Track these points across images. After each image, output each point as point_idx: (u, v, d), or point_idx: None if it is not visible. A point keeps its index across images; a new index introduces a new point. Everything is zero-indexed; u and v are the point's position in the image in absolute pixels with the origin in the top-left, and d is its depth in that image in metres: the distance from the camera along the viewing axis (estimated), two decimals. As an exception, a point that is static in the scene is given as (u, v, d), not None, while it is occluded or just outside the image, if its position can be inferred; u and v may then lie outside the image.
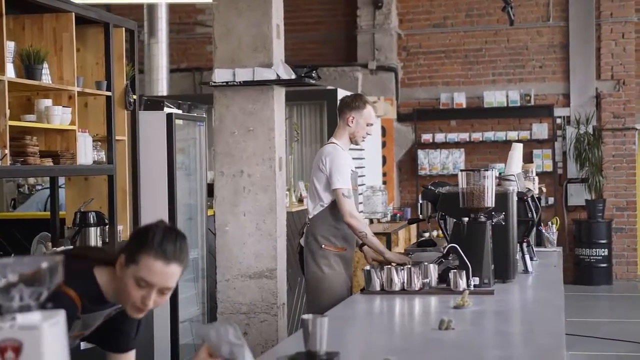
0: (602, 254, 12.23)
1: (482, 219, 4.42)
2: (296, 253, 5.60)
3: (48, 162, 4.89)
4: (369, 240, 5.17)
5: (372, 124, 5.37)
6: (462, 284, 4.18)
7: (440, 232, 12.06)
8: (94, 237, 5.40)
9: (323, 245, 5.22)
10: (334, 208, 5.21)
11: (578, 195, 12.56)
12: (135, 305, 2.62)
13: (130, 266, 2.59)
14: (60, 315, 1.79)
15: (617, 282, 12.42)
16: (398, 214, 10.99)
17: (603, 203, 12.35)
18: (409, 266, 4.35)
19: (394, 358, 2.60)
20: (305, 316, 2.74)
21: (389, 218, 10.69)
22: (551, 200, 12.53)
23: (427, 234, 12.31)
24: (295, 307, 7.55)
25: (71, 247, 5.17)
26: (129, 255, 2.60)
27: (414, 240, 11.04)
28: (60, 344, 1.78)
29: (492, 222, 4.47)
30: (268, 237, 6.16)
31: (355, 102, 5.34)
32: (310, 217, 5.34)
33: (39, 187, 8.33)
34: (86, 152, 5.24)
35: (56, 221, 5.62)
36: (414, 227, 11.28)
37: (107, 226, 5.53)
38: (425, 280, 4.30)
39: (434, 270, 4.36)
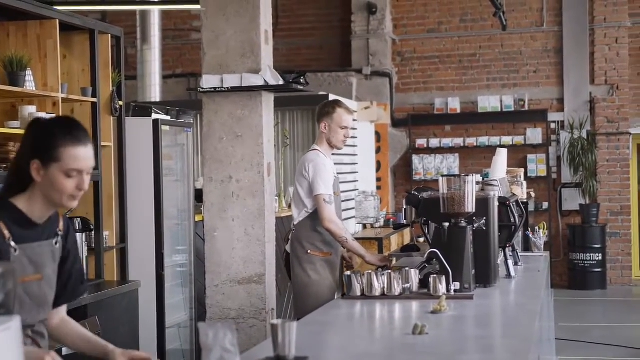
0: (597, 259, 12.23)
1: (463, 224, 4.43)
2: (283, 259, 5.64)
3: (32, 169, 4.90)
4: (349, 245, 5.24)
5: (346, 127, 5.38)
6: (442, 289, 4.19)
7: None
8: (80, 243, 5.41)
9: (309, 251, 5.28)
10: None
11: (572, 200, 12.57)
12: (71, 195, 2.68)
13: (51, 165, 2.65)
14: (14, 321, 1.81)
15: (612, 287, 12.42)
16: (392, 219, 11.00)
17: (597, 208, 12.35)
18: (390, 271, 4.36)
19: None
20: (273, 321, 2.76)
21: (382, 223, 10.71)
22: (545, 205, 12.54)
23: (422, 239, 12.30)
24: (284, 312, 7.56)
25: None
26: (45, 157, 2.65)
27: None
28: (14, 349, 1.80)
29: (473, 227, 4.49)
30: (257, 243, 6.17)
31: (325, 108, 5.41)
32: (295, 223, 5.41)
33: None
34: (71, 158, 5.25)
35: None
36: (407, 232, 11.29)
37: (92, 232, 5.54)
38: (406, 285, 4.31)
39: (415, 275, 4.37)
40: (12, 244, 2.65)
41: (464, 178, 4.44)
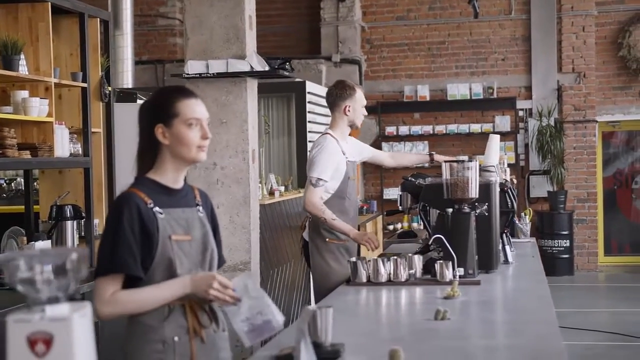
0: (564, 245, 12.37)
1: (466, 209, 4.44)
2: (300, 247, 5.50)
3: (26, 155, 4.81)
4: (330, 225, 5.13)
5: (365, 104, 5.42)
6: (449, 274, 4.20)
7: (409, 223, 12.08)
8: (71, 230, 5.32)
9: (327, 239, 5.21)
10: (336, 199, 5.18)
11: (540, 187, 12.70)
12: (199, 146, 2.86)
13: (173, 122, 2.84)
14: (87, 307, 1.77)
15: (579, 273, 12.59)
16: (365, 207, 11.01)
17: (564, 194, 12.49)
18: (395, 257, 4.34)
19: (400, 348, 2.60)
20: (311, 307, 2.73)
21: (355, 210, 10.71)
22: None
23: (392, 226, 12.35)
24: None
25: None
26: (166, 118, 2.84)
27: (381, 232, 11.08)
28: (89, 335, 1.76)
29: (476, 212, 4.49)
30: (242, 230, 6.14)
31: (346, 91, 5.32)
32: None
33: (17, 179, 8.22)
34: (63, 144, 5.16)
35: (30, 215, 5.53)
36: (379, 219, 11.32)
37: (83, 220, 5.45)
38: (411, 271, 4.31)
39: (418, 262, 4.37)
40: (156, 209, 2.81)
41: (467, 164, 4.45)
